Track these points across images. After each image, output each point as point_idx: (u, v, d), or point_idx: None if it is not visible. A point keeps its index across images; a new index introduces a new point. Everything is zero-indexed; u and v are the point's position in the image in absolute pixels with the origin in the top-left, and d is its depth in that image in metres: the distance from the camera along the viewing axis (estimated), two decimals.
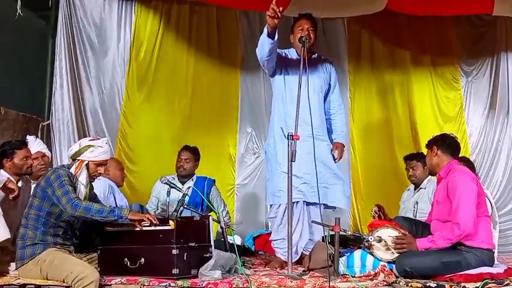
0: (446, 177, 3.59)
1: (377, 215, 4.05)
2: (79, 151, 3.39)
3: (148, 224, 3.33)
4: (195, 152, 4.97)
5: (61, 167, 3.44)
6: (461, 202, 3.41)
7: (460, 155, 4.05)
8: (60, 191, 3.22)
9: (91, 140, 3.46)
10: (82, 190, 3.37)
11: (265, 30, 3.81)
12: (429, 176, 4.79)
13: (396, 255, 3.46)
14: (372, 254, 3.50)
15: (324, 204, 3.99)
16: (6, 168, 3.76)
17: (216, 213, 4.33)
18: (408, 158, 5.00)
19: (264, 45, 3.89)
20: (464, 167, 3.67)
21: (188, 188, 4.42)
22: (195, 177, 4.95)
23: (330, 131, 4.23)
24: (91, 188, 3.56)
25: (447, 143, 3.70)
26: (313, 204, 3.97)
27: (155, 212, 4.83)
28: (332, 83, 4.26)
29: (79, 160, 3.39)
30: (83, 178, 3.38)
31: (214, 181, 5.01)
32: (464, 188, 3.44)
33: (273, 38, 3.80)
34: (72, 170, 3.37)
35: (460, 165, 3.67)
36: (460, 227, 3.35)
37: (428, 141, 3.81)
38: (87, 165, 3.39)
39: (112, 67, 5.90)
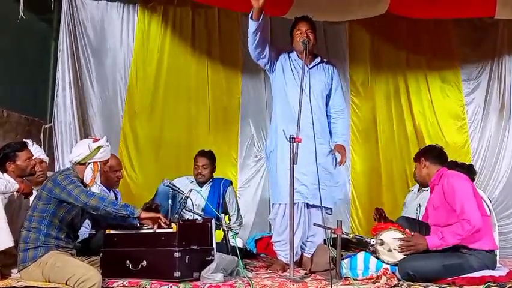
0: (439, 183, 3.62)
1: (377, 218, 4.06)
2: (91, 154, 3.40)
3: (150, 227, 3.34)
4: (211, 157, 4.97)
5: (67, 169, 3.44)
6: (464, 200, 3.43)
7: (461, 159, 4.07)
8: (72, 185, 3.24)
9: (94, 141, 3.47)
10: (97, 191, 3.43)
11: (250, 14, 3.84)
12: None
13: (399, 258, 3.47)
14: (378, 258, 3.51)
15: (324, 207, 4.00)
16: (9, 171, 3.74)
17: (218, 214, 4.35)
18: None
19: (250, 30, 3.92)
20: (454, 171, 3.70)
21: (190, 190, 4.41)
22: (211, 180, 4.97)
23: (331, 134, 4.23)
24: None
25: (434, 154, 3.79)
26: (314, 206, 3.98)
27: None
28: (333, 86, 4.25)
29: (90, 163, 3.40)
30: (98, 179, 3.40)
31: (230, 182, 5.04)
32: (462, 187, 3.49)
33: (257, 20, 3.82)
34: (89, 175, 3.38)
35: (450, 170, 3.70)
36: (470, 222, 3.36)
37: (415, 155, 3.91)
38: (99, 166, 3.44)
39: (114, 70, 5.91)
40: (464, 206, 3.41)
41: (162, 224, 3.30)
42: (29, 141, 4.18)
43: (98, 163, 3.44)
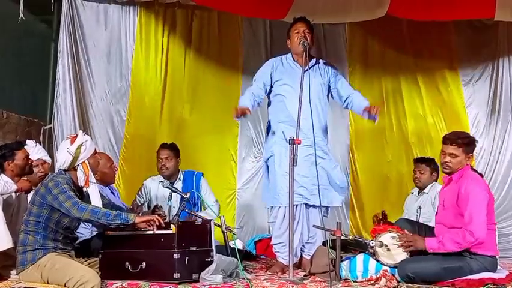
0: (458, 183, 3.53)
1: (376, 220, 4.05)
2: (75, 157, 3.34)
3: (149, 230, 3.33)
4: (174, 148, 4.74)
5: (59, 174, 3.39)
6: (474, 211, 3.37)
7: None
8: (63, 196, 3.20)
9: (72, 141, 3.37)
10: (95, 190, 3.38)
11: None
12: (434, 182, 4.79)
13: (399, 259, 3.46)
14: (377, 260, 3.51)
15: (325, 207, 4.00)
16: (8, 171, 3.76)
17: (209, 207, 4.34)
18: (418, 161, 5.01)
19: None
20: (476, 174, 3.62)
21: (190, 192, 4.39)
22: (181, 175, 4.76)
23: (356, 108, 4.18)
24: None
25: (472, 149, 3.61)
26: (313, 206, 3.97)
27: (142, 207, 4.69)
28: (334, 81, 4.21)
29: (79, 165, 3.37)
30: (93, 178, 3.38)
31: (202, 174, 4.82)
32: (478, 197, 3.41)
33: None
34: (82, 177, 3.35)
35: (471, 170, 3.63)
36: (474, 235, 3.32)
37: (465, 143, 3.56)
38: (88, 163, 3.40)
39: (115, 72, 5.92)
40: (473, 217, 3.36)
41: (157, 224, 3.28)
42: (31, 142, 4.19)
43: (86, 161, 3.38)
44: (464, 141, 3.56)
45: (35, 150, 4.11)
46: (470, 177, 3.53)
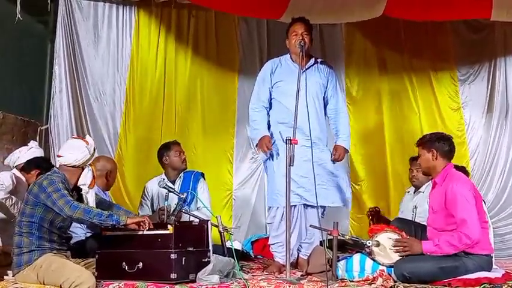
0: (443, 185, 3.55)
1: (370, 217, 4.03)
2: (89, 158, 3.40)
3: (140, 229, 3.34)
4: None
5: (53, 172, 3.39)
6: (465, 212, 3.38)
7: (459, 161, 4.05)
8: (56, 194, 3.20)
9: (86, 143, 3.40)
10: (92, 192, 3.39)
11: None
12: (430, 182, 4.78)
13: (396, 259, 3.47)
14: (374, 260, 3.51)
15: (322, 207, 4.00)
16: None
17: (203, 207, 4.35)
18: (414, 159, 5.00)
19: None
20: (460, 173, 3.64)
21: (188, 192, 4.39)
22: (182, 174, 4.72)
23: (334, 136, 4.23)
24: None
25: (447, 149, 3.62)
26: (312, 206, 3.97)
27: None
28: (330, 86, 4.21)
29: (88, 165, 3.40)
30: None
31: (201, 174, 4.76)
32: (464, 198, 3.41)
33: None
34: (89, 177, 3.36)
35: (454, 169, 3.65)
36: (470, 238, 3.33)
37: (424, 141, 3.68)
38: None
39: (111, 72, 5.90)
40: (466, 218, 3.36)
41: (147, 226, 3.29)
42: (34, 144, 4.19)
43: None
44: (423, 140, 3.72)
45: (37, 152, 4.13)
46: (454, 177, 3.55)
